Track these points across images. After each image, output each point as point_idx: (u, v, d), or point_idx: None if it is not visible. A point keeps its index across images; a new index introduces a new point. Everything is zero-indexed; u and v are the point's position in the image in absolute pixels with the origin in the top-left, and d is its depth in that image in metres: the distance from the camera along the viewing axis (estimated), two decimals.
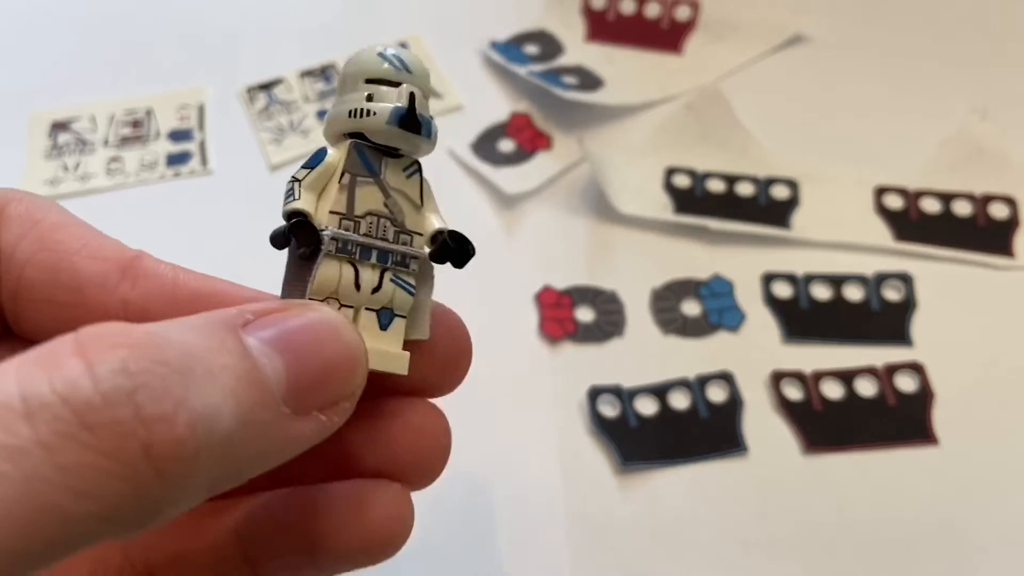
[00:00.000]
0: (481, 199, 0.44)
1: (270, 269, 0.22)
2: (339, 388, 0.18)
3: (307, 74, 0.49)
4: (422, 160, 0.21)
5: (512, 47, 0.49)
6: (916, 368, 0.38)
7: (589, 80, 0.48)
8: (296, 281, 0.20)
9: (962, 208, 0.43)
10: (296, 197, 0.20)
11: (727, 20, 0.50)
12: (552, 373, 0.38)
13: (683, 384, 0.38)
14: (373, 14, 0.52)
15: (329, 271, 0.20)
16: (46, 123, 0.47)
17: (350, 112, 0.20)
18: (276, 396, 0.17)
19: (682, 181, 0.44)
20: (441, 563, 0.34)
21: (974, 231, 0.42)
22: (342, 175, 0.20)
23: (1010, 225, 0.42)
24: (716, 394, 0.37)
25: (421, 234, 0.21)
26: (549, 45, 0.50)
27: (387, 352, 0.20)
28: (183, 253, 0.23)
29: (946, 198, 0.43)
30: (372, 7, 0.52)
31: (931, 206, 0.43)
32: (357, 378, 0.19)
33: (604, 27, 0.51)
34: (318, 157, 0.20)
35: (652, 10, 0.51)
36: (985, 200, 0.43)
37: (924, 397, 0.37)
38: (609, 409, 0.37)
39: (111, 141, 0.47)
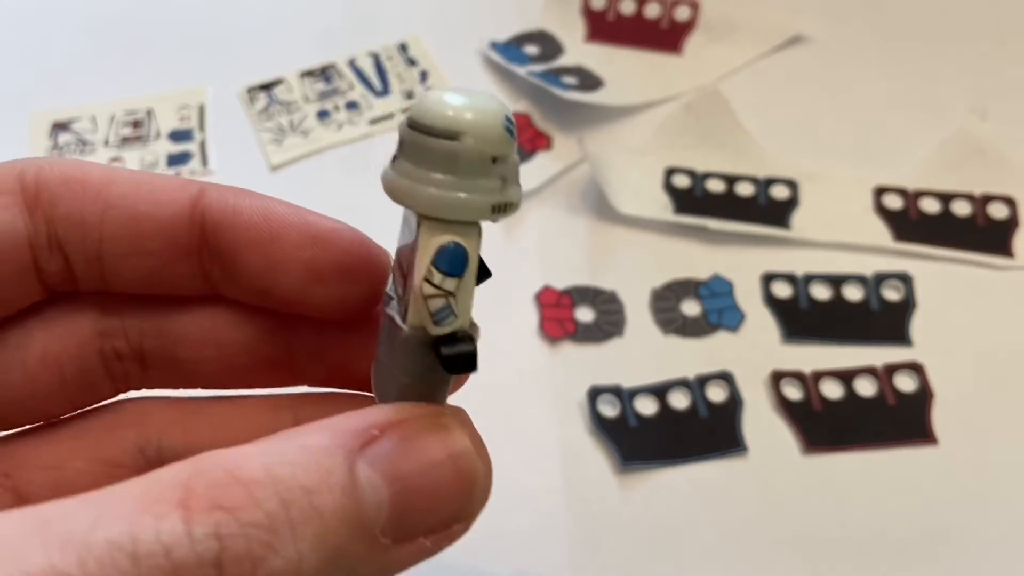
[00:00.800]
0: None
1: None
2: (448, 516, 0.18)
3: (307, 74, 0.49)
4: None
5: (512, 47, 0.49)
6: (916, 368, 0.38)
7: (589, 80, 0.48)
8: (427, 374, 0.19)
9: (961, 208, 0.43)
10: (458, 315, 0.18)
11: (727, 20, 0.50)
12: (552, 373, 0.38)
13: (683, 384, 0.38)
14: (373, 14, 0.52)
15: None
16: (47, 123, 0.47)
17: (494, 207, 0.18)
18: (375, 529, 0.16)
19: (682, 181, 0.44)
20: (441, 563, 0.34)
21: (973, 231, 0.42)
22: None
23: (1009, 225, 0.42)
24: (716, 394, 0.37)
25: None
26: (549, 45, 0.50)
27: None
28: None
29: (945, 198, 0.43)
30: (372, 7, 0.52)
31: (930, 206, 0.43)
32: (472, 505, 0.18)
33: (604, 27, 0.51)
34: (460, 260, 0.18)
35: (652, 10, 0.51)
36: (984, 200, 0.43)
37: (923, 397, 0.37)
38: (609, 409, 0.37)
39: (112, 141, 0.47)
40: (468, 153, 0.17)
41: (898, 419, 0.37)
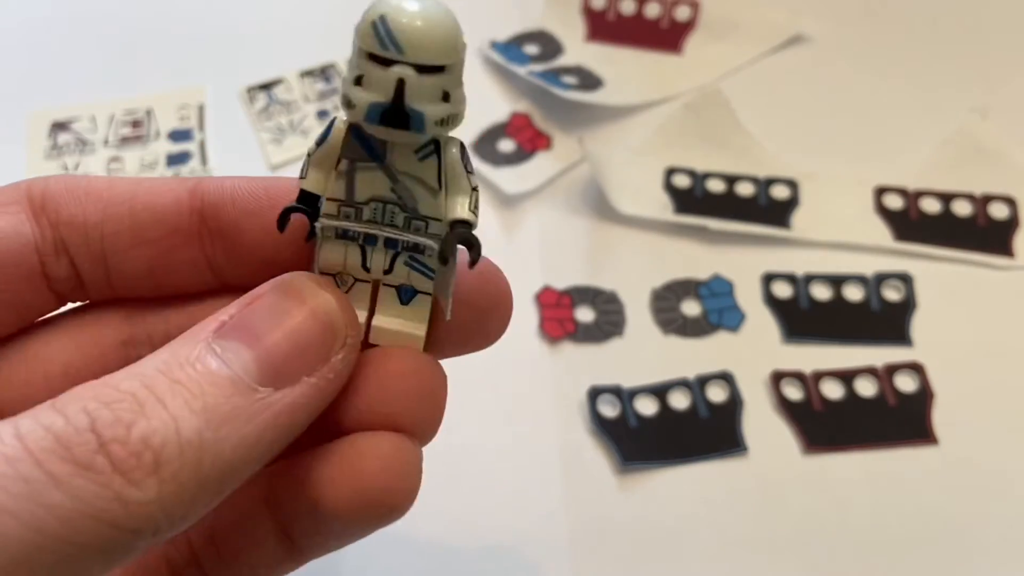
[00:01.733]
0: (481, 199, 0.44)
1: None
2: (321, 353, 0.19)
3: (307, 74, 0.49)
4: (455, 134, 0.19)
5: (512, 47, 0.49)
6: (916, 368, 0.38)
7: (589, 80, 0.48)
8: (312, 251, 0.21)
9: (962, 208, 0.43)
10: (304, 175, 0.20)
11: (727, 20, 0.50)
12: (552, 373, 0.38)
13: (683, 384, 0.38)
14: None
15: (331, 254, 0.20)
16: (46, 123, 0.47)
17: (342, 98, 0.19)
18: (246, 382, 0.18)
19: (682, 181, 0.44)
20: (441, 563, 0.34)
21: (974, 231, 0.42)
22: (338, 161, 0.19)
23: (1010, 225, 0.42)
24: (716, 394, 0.37)
25: (439, 219, 0.20)
26: (549, 45, 0.50)
27: (394, 331, 0.21)
28: None
29: (946, 198, 0.43)
30: None
31: (931, 206, 0.43)
32: (337, 332, 0.19)
33: (604, 27, 0.51)
34: (326, 132, 0.19)
35: (652, 10, 0.51)
36: (985, 200, 0.43)
37: (924, 397, 0.37)
38: (609, 409, 0.37)
39: (111, 141, 0.47)
40: (357, 27, 0.18)
41: (898, 419, 0.37)
